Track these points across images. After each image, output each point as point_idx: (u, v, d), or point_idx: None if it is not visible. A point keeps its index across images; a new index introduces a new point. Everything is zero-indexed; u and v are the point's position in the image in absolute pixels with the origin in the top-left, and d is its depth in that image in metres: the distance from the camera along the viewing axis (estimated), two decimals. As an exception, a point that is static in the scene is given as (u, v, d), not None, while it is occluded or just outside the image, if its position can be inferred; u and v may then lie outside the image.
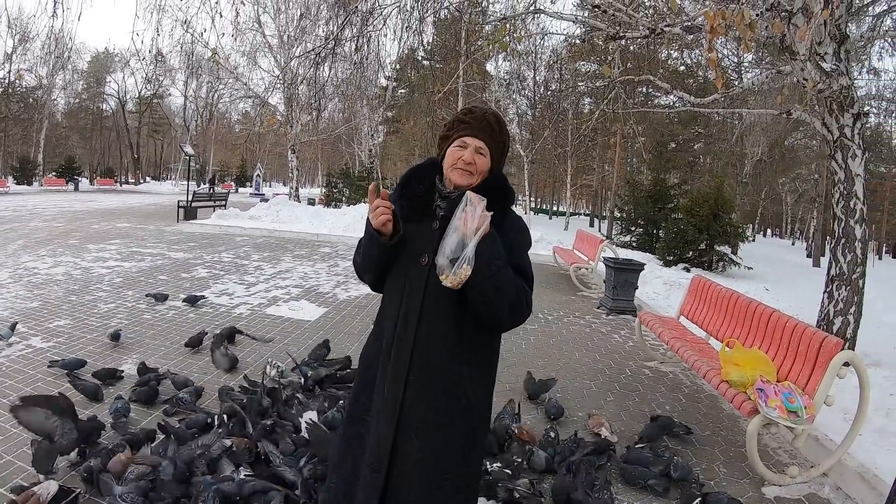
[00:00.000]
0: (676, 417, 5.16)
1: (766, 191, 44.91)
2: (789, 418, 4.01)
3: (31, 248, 12.72)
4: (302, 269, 12.48)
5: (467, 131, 2.46)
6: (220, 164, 71.73)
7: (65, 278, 9.70)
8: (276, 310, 8.58)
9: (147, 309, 8.10)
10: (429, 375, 2.41)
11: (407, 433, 2.42)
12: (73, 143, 59.72)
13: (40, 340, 6.43)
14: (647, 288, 12.04)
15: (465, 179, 2.43)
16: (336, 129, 39.04)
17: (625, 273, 9.86)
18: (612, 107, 19.97)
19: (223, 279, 10.67)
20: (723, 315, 6.07)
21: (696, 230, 18.85)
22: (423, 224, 2.48)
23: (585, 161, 45.18)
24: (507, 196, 2.52)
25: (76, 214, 21.58)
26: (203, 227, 19.73)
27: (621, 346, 7.83)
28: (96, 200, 30.62)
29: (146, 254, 12.99)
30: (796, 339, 4.57)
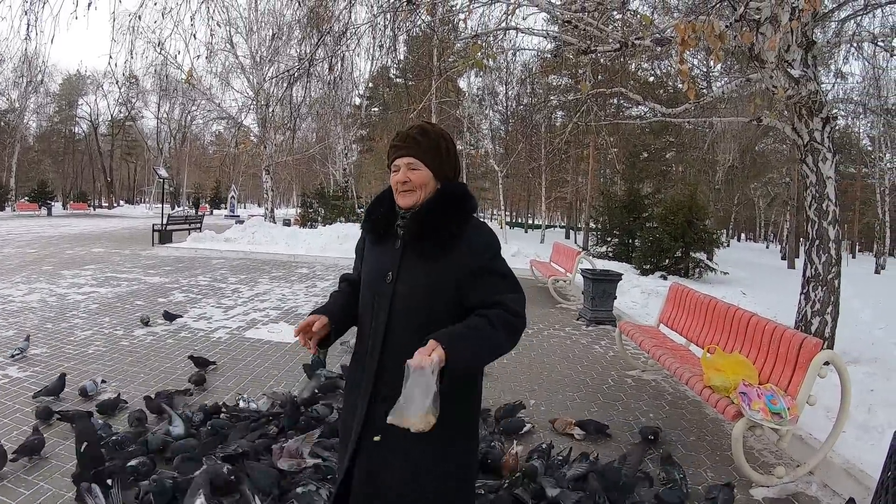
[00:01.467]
0: (661, 424, 5.20)
1: (739, 196, 45.60)
2: (773, 420, 4.05)
3: (5, 275, 12.52)
4: (280, 290, 12.41)
5: (396, 154, 2.54)
6: (194, 187, 71.30)
7: (40, 305, 9.56)
8: (256, 332, 8.51)
9: (124, 335, 7.98)
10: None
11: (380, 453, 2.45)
12: (45, 167, 59.09)
13: (17, 370, 6.31)
14: (625, 298, 12.13)
15: (407, 199, 2.51)
16: (310, 148, 38.98)
17: (603, 284, 9.91)
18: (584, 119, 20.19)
19: (201, 303, 10.55)
20: (702, 321, 6.12)
21: (671, 238, 19.08)
22: (386, 244, 2.58)
23: (559, 174, 45.55)
24: (463, 204, 2.54)
25: (50, 240, 21.32)
26: (178, 251, 19.54)
27: (602, 357, 7.86)
28: (70, 225, 30.27)
29: (122, 279, 12.84)
30: (776, 342, 4.64)
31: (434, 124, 2.68)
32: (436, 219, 2.46)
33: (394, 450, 2.44)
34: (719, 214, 38.37)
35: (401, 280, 2.48)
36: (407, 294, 2.46)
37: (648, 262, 19.59)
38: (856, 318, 10.44)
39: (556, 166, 42.58)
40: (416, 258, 2.47)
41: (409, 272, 2.48)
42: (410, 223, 2.50)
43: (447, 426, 2.32)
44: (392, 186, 2.57)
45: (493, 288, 2.45)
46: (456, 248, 2.44)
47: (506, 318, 2.37)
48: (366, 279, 2.65)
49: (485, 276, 2.45)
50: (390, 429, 2.28)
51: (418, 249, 2.47)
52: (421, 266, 2.45)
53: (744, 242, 67.38)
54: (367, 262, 2.67)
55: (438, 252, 2.44)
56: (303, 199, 39.54)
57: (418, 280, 2.45)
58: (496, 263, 2.52)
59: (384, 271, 2.52)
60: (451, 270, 2.43)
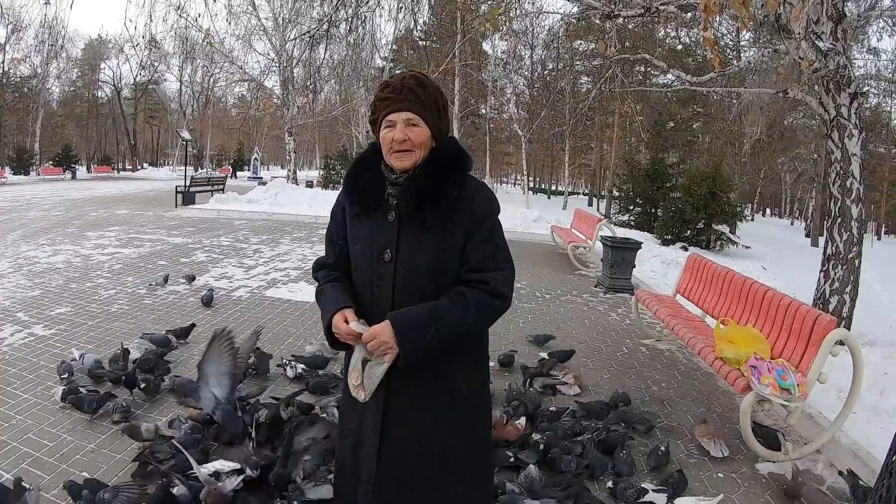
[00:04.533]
0: (672, 394, 5.24)
1: (765, 170, 44.75)
2: (782, 395, 4.04)
3: (31, 237, 12.74)
4: (301, 251, 12.53)
5: (390, 107, 2.23)
6: (217, 149, 71.49)
7: (65, 266, 9.74)
8: (276, 292, 8.64)
9: (147, 294, 8.16)
10: (411, 377, 2.23)
11: (397, 441, 2.29)
12: (69, 131, 59.30)
13: (42, 328, 6.48)
14: (644, 267, 12.09)
15: (405, 161, 2.23)
16: (333, 111, 38.85)
17: (622, 251, 9.88)
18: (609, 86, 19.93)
19: (222, 263, 10.74)
20: (718, 293, 6.09)
21: (693, 209, 18.95)
22: (377, 217, 2.29)
23: (583, 140, 45.04)
24: (461, 164, 2.31)
25: (74, 203, 21.54)
26: (201, 212, 19.74)
27: (618, 324, 7.86)
28: (94, 188, 30.54)
29: (145, 239, 13.04)
30: (790, 317, 4.59)
31: (426, 75, 2.37)
32: (434, 184, 2.21)
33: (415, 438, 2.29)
34: (745, 188, 37.75)
35: (401, 258, 2.23)
36: (410, 273, 2.22)
37: (670, 232, 19.52)
38: (876, 300, 10.35)
39: (580, 133, 42.08)
40: (415, 231, 2.22)
41: (410, 248, 2.23)
42: (406, 191, 2.23)
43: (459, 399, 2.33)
44: (382, 146, 2.28)
45: (484, 256, 2.24)
46: (458, 213, 2.21)
47: (484, 302, 2.20)
48: (358, 260, 2.35)
49: (480, 238, 2.25)
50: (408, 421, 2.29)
51: (418, 220, 2.21)
52: (423, 239, 2.21)
53: (769, 218, 66.55)
54: (357, 240, 2.35)
55: (440, 221, 2.20)
56: (325, 160, 39.59)
57: (421, 256, 2.21)
58: (495, 228, 2.30)
59: (380, 249, 2.25)
60: (457, 238, 2.22)
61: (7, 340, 6.03)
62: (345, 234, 2.43)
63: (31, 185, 33.00)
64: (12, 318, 6.81)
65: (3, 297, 7.71)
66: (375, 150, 2.37)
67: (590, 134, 44.45)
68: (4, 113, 49.35)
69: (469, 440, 2.41)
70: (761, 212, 63.45)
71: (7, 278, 8.73)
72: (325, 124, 47.39)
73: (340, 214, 2.46)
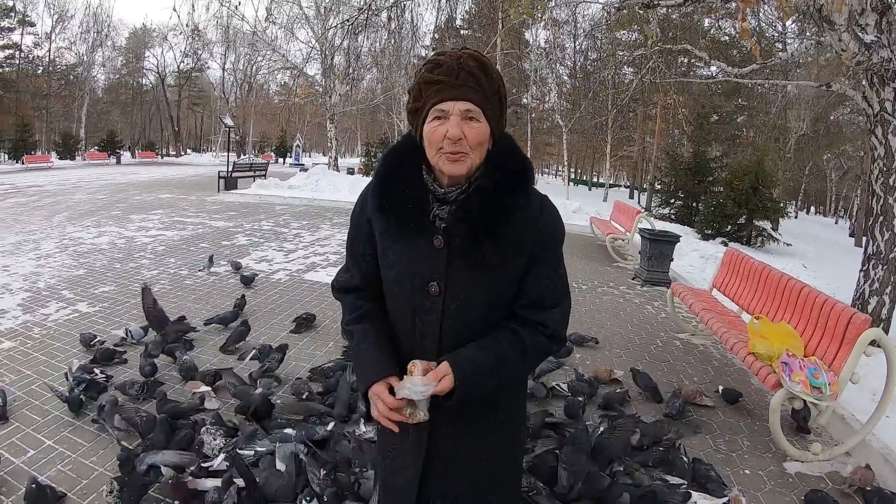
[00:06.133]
0: (704, 389, 5.14)
1: (810, 167, 43.63)
2: (813, 394, 4.00)
3: (76, 219, 13.11)
4: (341, 236, 12.62)
5: (443, 93, 1.74)
6: (259, 135, 72.07)
7: (109, 247, 10.02)
8: (314, 275, 8.78)
9: (189, 275, 8.37)
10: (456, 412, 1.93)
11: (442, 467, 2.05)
12: (114, 117, 60.42)
13: (86, 305, 6.76)
14: (683, 261, 11.99)
15: (459, 167, 1.77)
16: (374, 99, 38.91)
17: (660, 245, 9.79)
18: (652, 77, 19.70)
19: (263, 246, 10.94)
20: (754, 288, 6.02)
21: (735, 204, 18.61)
22: (419, 241, 1.85)
23: (625, 132, 44.46)
24: (527, 173, 1.89)
25: (119, 186, 22.03)
26: (243, 197, 20.02)
27: (654, 317, 7.81)
28: (138, 173, 31.17)
29: (188, 223, 13.32)
30: (825, 315, 4.52)
31: (485, 56, 1.84)
32: (496, 208, 1.81)
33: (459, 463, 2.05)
34: (788, 184, 36.94)
35: (451, 293, 1.85)
36: (462, 310, 1.86)
37: (710, 226, 19.19)
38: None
39: (621, 124, 41.51)
40: (471, 265, 1.82)
41: (463, 282, 1.84)
42: (460, 218, 1.81)
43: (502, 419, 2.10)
44: (427, 143, 1.80)
45: (545, 291, 1.91)
46: (521, 239, 1.83)
47: (542, 348, 1.94)
48: (395, 287, 1.95)
49: (543, 270, 1.90)
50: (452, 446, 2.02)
51: (475, 257, 1.81)
52: (478, 275, 1.83)
53: (813, 216, 64.83)
54: (392, 265, 1.92)
55: (500, 256, 1.82)
56: (366, 148, 39.74)
57: (476, 292, 1.85)
58: (560, 258, 1.96)
59: (424, 280, 1.85)
60: (517, 267, 1.86)
61: (52, 316, 6.32)
62: (373, 250, 1.99)
63: (76, 169, 33.74)
64: (58, 295, 7.05)
65: (50, 275, 7.98)
66: (413, 146, 1.90)
67: (632, 125, 43.81)
68: (51, 100, 50.73)
69: (510, 460, 2.24)
70: (805, 209, 61.84)
71: (53, 258, 9.03)
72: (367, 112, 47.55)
73: (367, 226, 1.99)
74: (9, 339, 5.60)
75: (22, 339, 5.62)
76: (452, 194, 1.83)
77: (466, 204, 1.81)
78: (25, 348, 5.40)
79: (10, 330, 5.86)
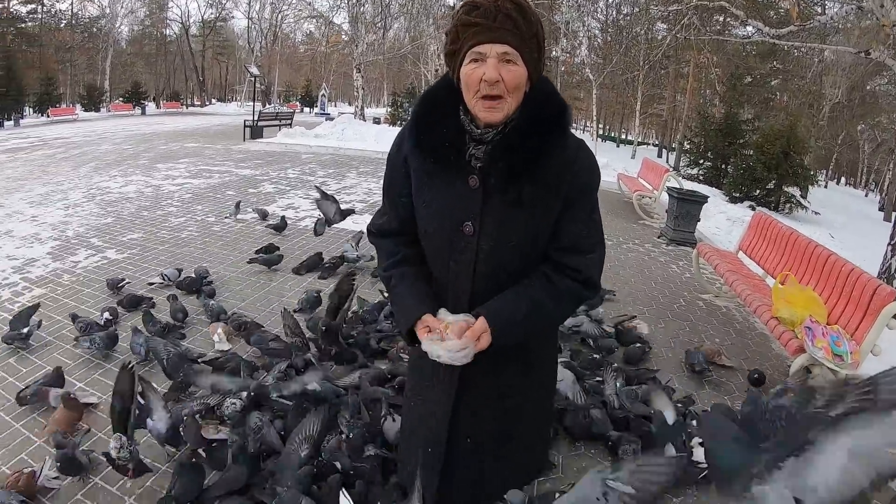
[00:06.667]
0: (725, 351, 5.09)
1: (843, 136, 42.72)
2: (833, 361, 3.97)
3: (103, 169, 13.21)
4: (366, 185, 12.62)
5: (480, 36, 1.72)
6: (284, 85, 71.82)
7: (136, 196, 10.11)
8: (342, 223, 8.70)
9: (216, 222, 8.43)
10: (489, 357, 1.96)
11: (470, 409, 2.17)
12: (138, 69, 60.31)
13: (114, 252, 6.87)
14: (709, 222, 11.85)
15: (496, 114, 1.78)
16: (402, 48, 38.56)
17: (688, 204, 9.61)
18: (685, 34, 19.25)
19: (289, 194, 10.99)
20: (781, 253, 5.95)
21: (765, 168, 18.36)
22: (455, 180, 1.88)
23: (656, 89, 43.65)
24: (564, 116, 1.87)
25: (144, 137, 22.04)
26: (269, 146, 19.94)
27: (678, 277, 7.72)
28: (163, 123, 31.14)
29: (214, 171, 13.38)
30: (850, 285, 4.48)
31: None
32: (533, 149, 1.81)
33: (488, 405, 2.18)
34: (820, 152, 36.30)
35: (486, 232, 1.88)
36: (497, 251, 1.90)
37: (739, 189, 18.99)
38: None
39: (653, 81, 40.71)
40: (504, 205, 1.86)
41: (498, 222, 1.87)
42: (497, 158, 1.82)
43: (533, 361, 2.20)
44: (464, 86, 1.80)
45: (579, 235, 1.93)
46: (557, 182, 1.86)
47: (575, 294, 1.97)
48: (430, 227, 1.99)
49: (578, 214, 1.91)
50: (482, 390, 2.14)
51: (511, 195, 1.84)
52: (513, 214, 1.85)
53: (843, 187, 63.26)
54: (428, 203, 1.96)
55: (536, 196, 1.85)
56: (393, 98, 39.44)
57: (511, 233, 1.87)
58: (595, 202, 1.97)
59: (458, 219, 1.89)
60: (552, 210, 1.88)
61: (81, 263, 6.46)
62: (409, 191, 2.03)
63: (101, 121, 33.77)
64: (86, 243, 7.14)
65: (78, 224, 8.07)
66: (450, 88, 1.89)
67: (663, 83, 42.88)
68: (75, 53, 50.78)
69: (539, 404, 2.35)
70: (836, 180, 60.12)
71: (81, 207, 9.13)
72: (394, 62, 47.19)
73: (403, 167, 2.02)
74: (39, 287, 5.72)
75: (52, 287, 5.73)
76: (489, 135, 1.83)
77: (503, 143, 1.81)
78: (56, 295, 5.51)
79: (40, 277, 5.98)
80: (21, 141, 19.80)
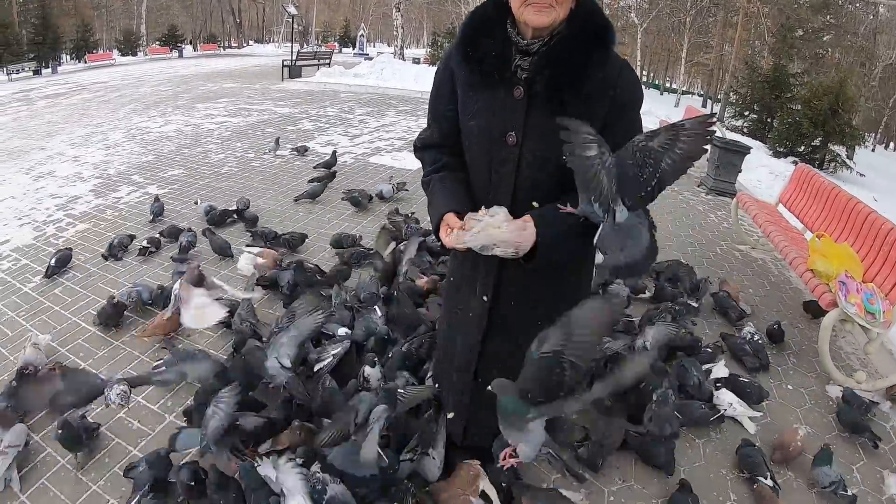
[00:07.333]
0: (759, 303, 5.16)
1: (895, 99, 41.34)
2: (865, 318, 3.94)
3: (142, 110, 13.37)
4: (405, 123, 12.60)
5: None
6: (322, 26, 71.32)
7: (176, 134, 10.23)
8: (379, 159, 8.81)
9: (255, 157, 8.48)
10: (523, 281, 2.13)
11: (501, 333, 2.25)
12: (174, 12, 59.93)
13: (156, 188, 7.04)
14: (751, 175, 11.59)
15: (543, 18, 1.78)
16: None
17: (729, 154, 9.38)
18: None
19: (328, 131, 11.05)
20: (821, 208, 5.82)
21: (811, 124, 17.68)
22: (500, 91, 1.90)
23: (703, 37, 42.39)
24: (607, 37, 1.88)
25: (183, 79, 22.15)
26: (307, 85, 19.93)
27: (716, 226, 7.60)
28: (201, 65, 31.20)
29: (253, 110, 13.47)
30: (888, 244, 4.40)
31: None
32: (577, 59, 1.82)
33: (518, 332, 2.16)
34: (870, 114, 34.95)
35: (528, 143, 1.90)
36: (537, 162, 1.92)
37: (783, 144, 18.35)
38: None
39: (699, 27, 39.59)
40: (548, 113, 1.82)
41: (541, 132, 1.87)
42: (542, 66, 1.84)
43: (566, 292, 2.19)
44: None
45: None
46: (599, 97, 1.86)
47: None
48: (473, 138, 2.03)
49: (620, 130, 1.86)
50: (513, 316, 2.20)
51: (555, 102, 1.84)
52: (556, 126, 1.75)
53: (892, 152, 61.28)
54: (473, 115, 1.99)
55: (579, 105, 1.82)
56: (433, 38, 38.96)
57: (553, 144, 1.77)
58: (636, 119, 1.97)
59: (502, 129, 1.92)
60: (595, 123, 1.79)
61: (124, 199, 6.70)
62: (454, 106, 2.07)
63: (139, 64, 33.85)
64: (128, 180, 7.27)
65: (119, 162, 8.23)
66: (498, 4, 1.93)
67: (710, 31, 41.67)
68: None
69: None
70: (884, 144, 58.03)
71: (122, 146, 9.32)
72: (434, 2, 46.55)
73: (449, 82, 2.06)
74: (83, 222, 5.93)
75: (95, 221, 5.96)
76: (535, 46, 1.86)
77: (549, 54, 1.84)
78: (99, 229, 5.73)
79: (83, 213, 6.19)
80: (59, 87, 19.96)
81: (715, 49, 42.32)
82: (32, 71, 27.35)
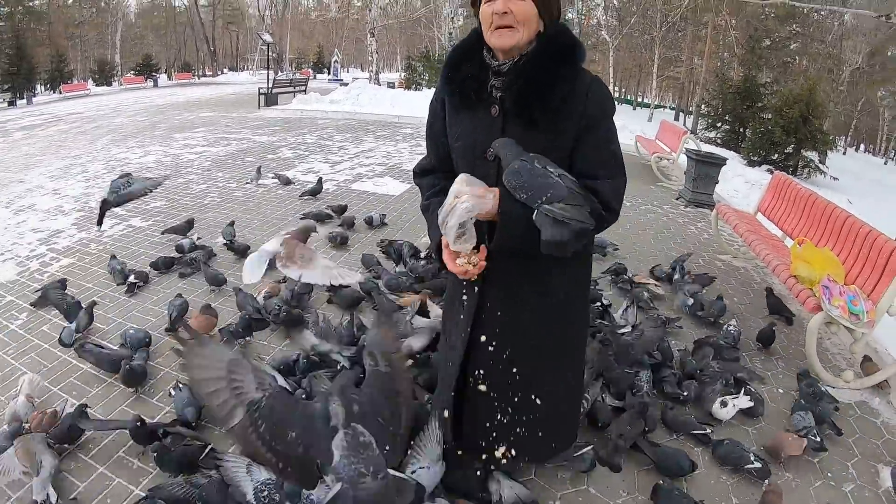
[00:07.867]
0: (744, 311, 5.29)
1: (863, 102, 41.47)
2: (850, 319, 4.05)
3: (120, 141, 13.31)
4: (384, 148, 12.65)
5: None
6: (296, 52, 71.49)
7: (156, 165, 10.23)
8: (361, 185, 8.79)
9: (238, 188, 8.52)
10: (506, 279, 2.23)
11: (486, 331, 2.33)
12: (148, 41, 60.08)
13: (139, 220, 7.06)
14: (727, 185, 11.82)
15: (505, 39, 1.96)
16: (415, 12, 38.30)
17: (706, 166, 9.55)
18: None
19: (308, 158, 11.05)
20: (799, 215, 5.97)
21: (783, 132, 18.20)
22: (479, 111, 2.09)
23: (673, 51, 43.02)
24: (575, 54, 2.04)
25: (159, 108, 22.05)
26: (285, 112, 19.93)
27: (696, 237, 7.71)
28: (176, 94, 30.99)
29: (231, 139, 13.45)
30: (867, 246, 4.52)
31: None
32: (544, 75, 1.98)
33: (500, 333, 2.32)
34: (839, 118, 35.74)
35: None
36: None
37: (757, 153, 18.88)
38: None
39: (670, 43, 40.26)
40: (521, 128, 2.03)
41: None
42: (511, 84, 2.02)
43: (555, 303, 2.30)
44: (482, 24, 2.03)
45: (595, 162, 2.07)
46: (569, 111, 2.00)
47: (595, 212, 2.00)
48: (460, 159, 2.20)
49: (592, 142, 2.04)
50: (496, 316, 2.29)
51: (524, 118, 2.02)
52: (529, 138, 1.99)
53: (862, 154, 62.11)
54: (458, 137, 2.17)
55: (550, 119, 2.01)
56: (407, 62, 39.21)
57: None
58: (609, 131, 2.09)
59: (482, 146, 2.08)
60: (566, 138, 2.03)
61: (108, 232, 6.65)
62: (446, 132, 2.24)
63: (114, 94, 33.55)
64: (111, 213, 7.05)
65: (100, 195, 8.02)
66: (478, 35, 2.11)
67: (680, 45, 42.33)
68: (84, 28, 50.56)
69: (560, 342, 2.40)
70: (854, 147, 58.85)
71: (101, 178, 9.32)
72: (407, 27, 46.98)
73: (441, 108, 2.25)
74: (67, 257, 5.89)
75: (80, 256, 5.91)
76: (506, 66, 2.05)
77: (516, 71, 2.02)
78: (84, 263, 5.69)
79: (67, 248, 6.16)
80: (35, 118, 19.77)
81: (685, 63, 42.98)
82: (7, 102, 27.19)
